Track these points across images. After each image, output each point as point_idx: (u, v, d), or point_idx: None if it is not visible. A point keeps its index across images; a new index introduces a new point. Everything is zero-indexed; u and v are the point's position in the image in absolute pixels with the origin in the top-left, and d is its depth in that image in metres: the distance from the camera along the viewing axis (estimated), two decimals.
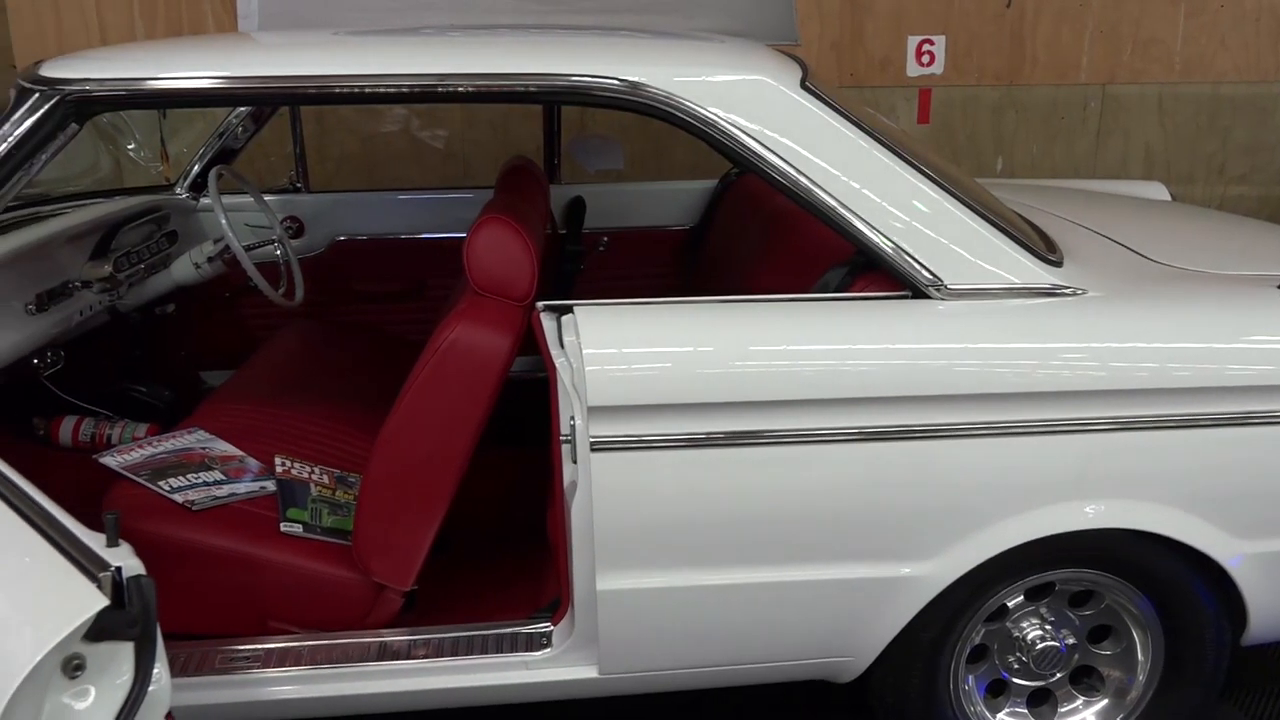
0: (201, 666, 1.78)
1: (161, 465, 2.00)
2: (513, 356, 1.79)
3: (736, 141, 1.73)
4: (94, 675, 1.00)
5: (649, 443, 1.66)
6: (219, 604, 1.88)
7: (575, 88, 1.74)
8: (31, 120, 1.62)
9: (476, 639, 1.85)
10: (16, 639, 0.97)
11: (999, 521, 1.77)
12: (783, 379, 1.66)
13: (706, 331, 1.69)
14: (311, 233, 2.98)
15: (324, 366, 2.61)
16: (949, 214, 1.78)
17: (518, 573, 2.12)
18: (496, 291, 1.80)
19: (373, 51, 1.79)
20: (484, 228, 1.78)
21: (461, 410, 1.78)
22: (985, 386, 1.69)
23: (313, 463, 2.12)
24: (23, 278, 2.19)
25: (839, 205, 1.74)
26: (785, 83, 1.76)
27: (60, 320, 2.29)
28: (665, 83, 1.73)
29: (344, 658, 1.82)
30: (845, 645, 1.85)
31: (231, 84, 1.71)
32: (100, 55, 1.76)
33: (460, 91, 1.74)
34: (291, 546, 1.89)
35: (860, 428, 1.69)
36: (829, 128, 1.75)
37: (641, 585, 1.72)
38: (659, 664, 1.82)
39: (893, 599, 1.80)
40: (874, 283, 1.80)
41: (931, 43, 3.87)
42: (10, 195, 1.65)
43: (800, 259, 2.09)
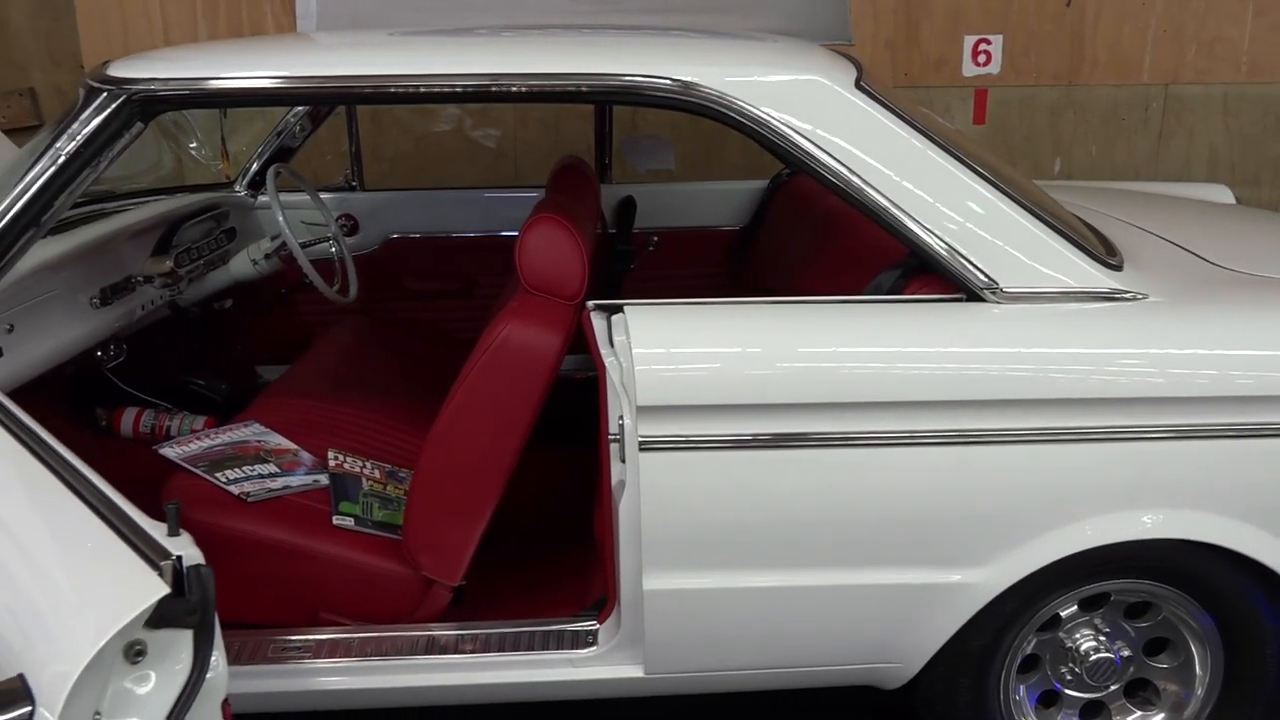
0: (255, 655, 1.82)
1: (218, 457, 2.04)
2: (563, 355, 1.80)
3: (789, 141, 1.72)
4: (154, 661, 1.03)
5: (697, 443, 1.66)
6: (272, 594, 1.91)
7: (627, 87, 1.75)
8: (99, 119, 1.67)
9: (523, 635, 1.87)
10: (80, 623, 1.00)
11: (1053, 529, 1.74)
12: (831, 381, 1.65)
13: (755, 332, 1.68)
14: (365, 230, 3.02)
15: (376, 363, 2.65)
16: (1005, 215, 1.75)
17: (564, 570, 2.13)
18: (547, 290, 1.81)
19: (427, 52, 1.81)
20: (536, 227, 1.79)
21: (511, 408, 1.80)
22: (1041, 392, 1.66)
23: (365, 457, 2.15)
24: (88, 272, 2.24)
25: (891, 205, 1.72)
26: (840, 82, 1.75)
27: (123, 314, 2.35)
28: (718, 82, 1.72)
29: (393, 650, 1.84)
30: (893, 651, 1.83)
31: (290, 84, 1.74)
32: (165, 56, 1.80)
33: (513, 91, 1.75)
34: (343, 539, 1.92)
35: (911, 432, 1.67)
36: (883, 128, 1.73)
37: (688, 586, 1.72)
38: (704, 665, 1.82)
39: (942, 606, 1.77)
40: (927, 285, 1.77)
41: (988, 42, 3.82)
42: (78, 192, 1.69)
43: (852, 261, 2.07)
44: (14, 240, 1.66)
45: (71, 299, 2.18)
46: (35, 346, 2.01)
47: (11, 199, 1.66)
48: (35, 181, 1.66)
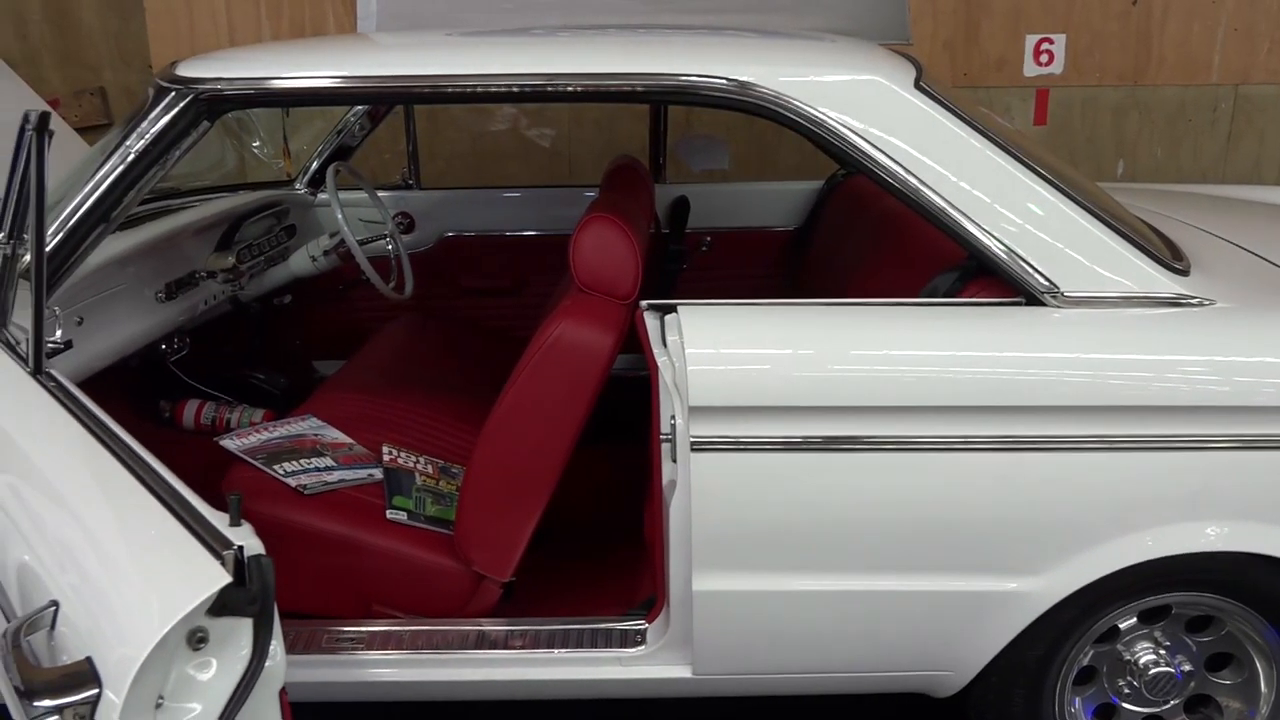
0: (309, 645, 1.85)
1: (276, 450, 2.08)
2: (615, 354, 1.80)
3: (846, 142, 1.70)
4: (216, 648, 1.05)
5: (749, 444, 1.65)
6: (326, 585, 1.95)
7: (683, 87, 1.74)
8: (167, 118, 1.71)
9: (572, 633, 1.87)
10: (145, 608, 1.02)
11: (1113, 539, 1.70)
12: (884, 384, 1.63)
13: (807, 334, 1.67)
14: (421, 228, 3.05)
15: (431, 359, 2.68)
16: (1067, 218, 1.72)
17: (614, 569, 2.14)
18: (601, 289, 1.81)
19: (484, 52, 1.82)
20: (590, 226, 1.80)
21: (564, 406, 1.81)
22: (1103, 399, 1.63)
23: (418, 452, 2.17)
24: (154, 267, 2.30)
25: (949, 207, 1.70)
26: (899, 83, 1.73)
27: (187, 308, 2.41)
28: (775, 82, 1.71)
29: (443, 644, 1.86)
30: (945, 659, 1.81)
31: (349, 84, 1.77)
32: (230, 56, 1.84)
33: (569, 91, 1.76)
34: (396, 533, 1.94)
35: (965, 437, 1.65)
36: (942, 128, 1.71)
37: (738, 587, 1.71)
38: (754, 667, 1.81)
39: (996, 614, 1.74)
40: (986, 288, 1.75)
41: (1051, 41, 3.75)
42: (147, 189, 1.74)
43: (908, 263, 2.05)
44: (85, 235, 1.71)
45: (138, 293, 2.23)
46: (103, 339, 2.07)
47: (83, 196, 1.71)
48: (106, 179, 1.71)
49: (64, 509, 1.24)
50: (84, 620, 1.10)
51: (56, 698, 1.02)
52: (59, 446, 1.35)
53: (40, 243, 1.45)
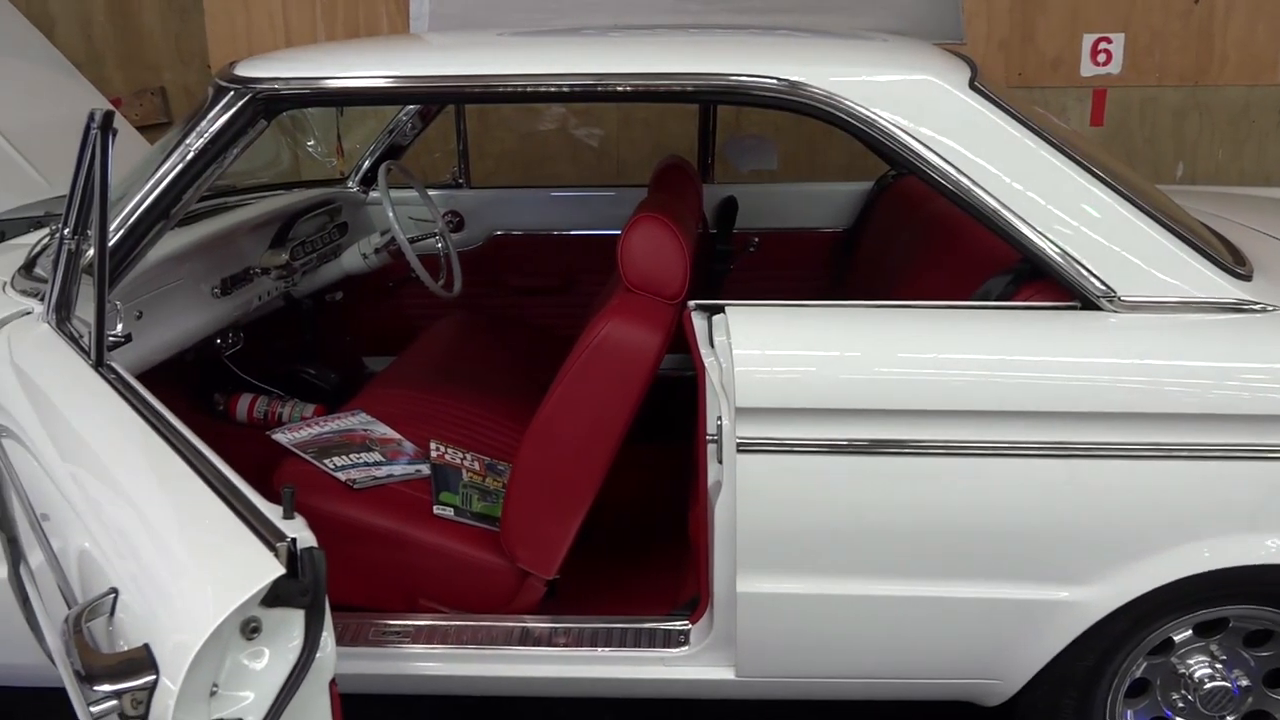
0: (356, 638, 1.87)
1: (327, 444, 2.11)
2: (663, 354, 1.80)
3: (897, 142, 1.68)
4: (268, 638, 1.07)
5: (796, 446, 1.64)
6: (373, 579, 1.97)
7: (733, 87, 1.74)
8: (226, 116, 1.74)
9: (615, 631, 1.88)
10: (201, 597, 1.05)
11: (1168, 550, 1.66)
12: (932, 388, 1.61)
13: (855, 336, 1.65)
14: (470, 227, 3.08)
15: (478, 357, 2.70)
16: (1124, 220, 1.68)
17: (657, 569, 2.14)
18: (649, 289, 1.81)
19: (534, 52, 1.83)
20: (639, 226, 1.80)
21: (610, 405, 1.81)
22: (1160, 406, 1.59)
23: (465, 449, 2.19)
24: (210, 263, 2.35)
25: (1002, 208, 1.67)
26: (953, 82, 1.71)
27: (241, 304, 2.45)
28: (826, 82, 1.70)
29: (488, 640, 1.88)
30: (992, 668, 1.78)
31: (402, 83, 1.79)
32: (287, 56, 1.87)
33: (619, 91, 1.76)
34: (443, 529, 1.96)
35: (1016, 442, 1.62)
36: (998, 129, 1.68)
37: (782, 590, 1.70)
38: (798, 671, 1.80)
39: (1046, 624, 1.72)
40: (1040, 292, 1.72)
41: (1109, 40, 3.68)
42: (205, 186, 1.77)
43: (960, 266, 2.02)
44: (146, 231, 1.75)
45: (194, 288, 2.28)
46: (161, 333, 2.11)
47: (144, 193, 1.75)
48: (166, 176, 1.75)
49: (123, 498, 1.27)
50: (141, 607, 1.13)
51: (115, 683, 1.04)
52: (118, 437, 1.39)
53: (103, 238, 1.48)
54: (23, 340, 1.72)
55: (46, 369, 1.61)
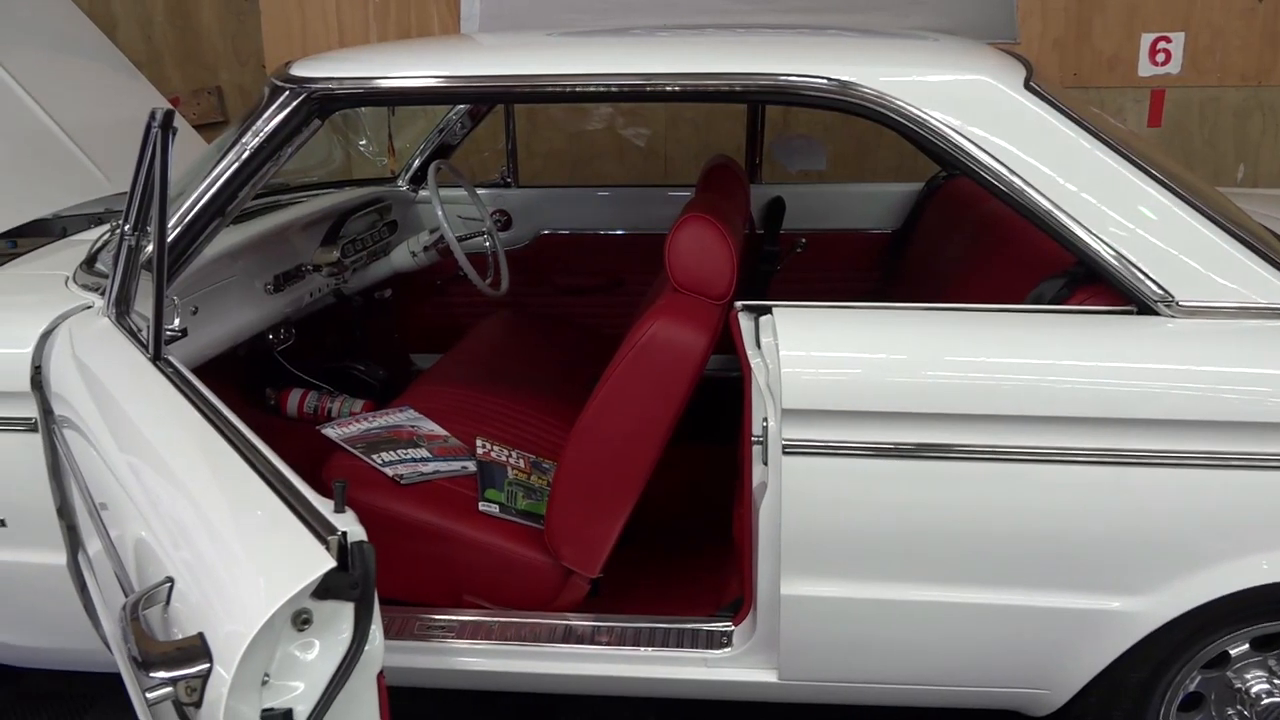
0: (401, 631, 1.89)
1: (375, 440, 2.14)
2: (709, 354, 1.80)
3: (950, 143, 1.66)
4: (319, 630, 1.09)
5: (842, 449, 1.63)
6: (419, 574, 1.99)
7: (783, 87, 1.73)
8: (281, 115, 1.77)
9: (658, 631, 1.88)
10: (253, 588, 1.07)
11: (1225, 562, 1.62)
12: (981, 392, 1.59)
13: (904, 339, 1.64)
14: (518, 226, 3.10)
15: (525, 355, 2.72)
16: (1182, 223, 1.65)
17: (701, 569, 2.13)
18: (696, 289, 1.81)
19: (583, 52, 1.84)
20: (686, 226, 1.80)
21: (656, 404, 1.81)
22: (1217, 413, 1.56)
23: (510, 446, 2.21)
24: (263, 260, 2.39)
25: (1056, 209, 1.64)
26: (1008, 83, 1.68)
27: (293, 300, 2.49)
28: (878, 82, 1.69)
29: (531, 637, 1.89)
30: (1041, 677, 1.75)
31: (452, 83, 1.81)
32: (340, 56, 1.90)
33: (667, 91, 1.76)
34: (488, 526, 1.98)
35: (1067, 449, 1.59)
36: (1054, 130, 1.66)
37: (827, 593, 1.69)
38: (841, 675, 1.78)
39: (1097, 634, 1.68)
40: (1094, 296, 1.69)
41: (1168, 40, 3.60)
42: (260, 184, 1.81)
43: (1012, 269, 1.99)
44: (203, 228, 1.78)
45: (248, 285, 2.32)
46: (215, 328, 2.16)
47: (201, 190, 1.79)
48: (223, 174, 1.78)
49: (179, 488, 1.30)
50: (196, 596, 1.15)
51: (171, 670, 1.07)
52: (175, 429, 1.42)
53: (162, 235, 1.51)
54: (84, 334, 1.76)
55: (106, 362, 1.65)
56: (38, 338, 1.78)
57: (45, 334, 1.79)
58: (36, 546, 1.86)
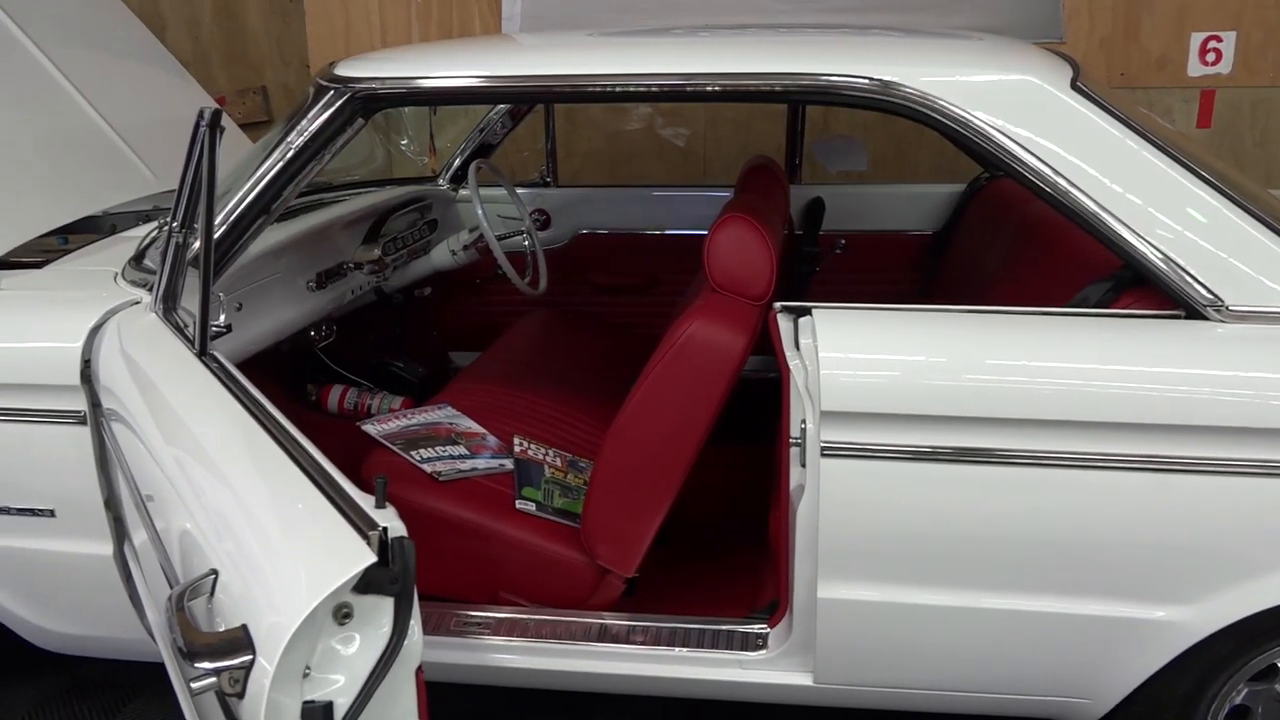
0: (438, 627, 1.91)
1: (414, 436, 2.16)
2: (747, 355, 1.79)
3: (994, 144, 1.64)
4: (359, 624, 1.10)
5: (880, 452, 1.61)
6: (455, 570, 2.00)
7: (824, 87, 1.72)
8: (326, 115, 1.79)
9: (693, 632, 1.88)
10: (295, 581, 1.08)
11: (1273, 572, 1.59)
12: (1022, 396, 1.57)
13: (944, 341, 1.62)
14: (557, 225, 3.11)
15: (562, 354, 2.73)
16: (1233, 226, 1.61)
17: (736, 571, 2.13)
18: (734, 290, 1.80)
19: (624, 52, 1.84)
20: (726, 226, 1.80)
21: (694, 405, 1.81)
22: (1269, 421, 1.52)
23: (547, 445, 2.22)
24: (306, 258, 2.42)
25: (1102, 211, 1.62)
26: (1054, 83, 1.66)
27: (335, 297, 2.52)
28: (920, 82, 1.67)
29: (566, 635, 1.89)
30: (1082, 686, 1.73)
31: (494, 83, 1.82)
32: (384, 56, 1.91)
33: (708, 91, 1.75)
34: (525, 523, 1.99)
35: (1111, 455, 1.57)
36: (1101, 131, 1.63)
37: (864, 597, 1.68)
38: (878, 680, 1.77)
39: (1141, 643, 1.66)
40: (1141, 300, 1.66)
41: (1219, 39, 3.53)
42: (305, 182, 1.83)
43: (1056, 272, 1.97)
44: (248, 225, 1.81)
45: (291, 282, 2.35)
46: (259, 324, 2.19)
47: (247, 188, 1.81)
48: (268, 173, 1.80)
49: (223, 482, 1.32)
50: (239, 588, 1.17)
51: (215, 661, 1.08)
52: (219, 423, 1.44)
53: (209, 232, 1.54)
54: (131, 328, 1.79)
55: (153, 356, 1.68)
56: (87, 332, 1.82)
57: (95, 329, 1.83)
58: (84, 537, 1.90)
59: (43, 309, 1.90)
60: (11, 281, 2.05)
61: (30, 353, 1.83)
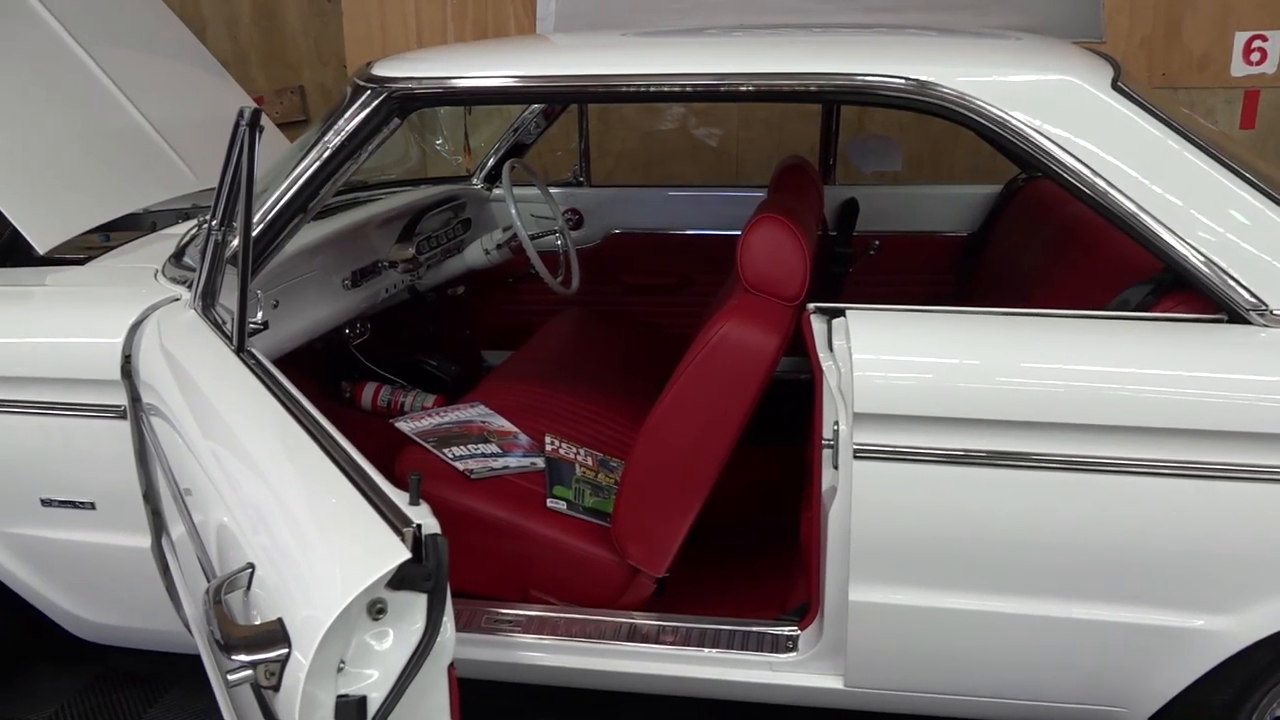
0: (469, 624, 1.92)
1: (446, 434, 2.17)
2: (780, 355, 1.79)
3: (1032, 144, 1.62)
4: (393, 620, 1.11)
5: (914, 454, 1.60)
6: (486, 568, 2.01)
7: (859, 87, 1.71)
8: (363, 114, 1.81)
9: (723, 633, 1.87)
10: (330, 576, 1.09)
11: None
12: (1058, 400, 1.55)
13: (979, 343, 1.60)
14: (589, 225, 3.12)
15: (594, 353, 2.73)
16: (1277, 228, 1.58)
17: (767, 572, 2.12)
18: (767, 290, 1.80)
19: (657, 52, 1.84)
20: (759, 226, 1.79)
21: (726, 405, 1.80)
22: None
23: (578, 444, 2.22)
24: (341, 256, 2.44)
25: (1142, 212, 1.59)
26: (1095, 83, 1.64)
27: (369, 296, 2.54)
28: (958, 82, 1.66)
29: (596, 634, 1.90)
30: (1117, 695, 1.71)
31: (529, 83, 1.82)
32: (420, 56, 1.93)
33: (741, 91, 1.75)
34: (556, 522, 1.99)
35: (1150, 460, 1.55)
36: (1142, 132, 1.61)
37: (896, 601, 1.67)
38: (909, 685, 1.76)
39: (1179, 652, 1.63)
40: (1182, 303, 1.63)
41: (1264, 39, 3.46)
42: (341, 181, 1.84)
43: (1095, 274, 1.94)
44: (286, 224, 1.83)
45: (326, 280, 2.37)
46: (295, 321, 2.21)
47: (285, 187, 1.83)
48: (306, 172, 1.82)
49: (259, 476, 1.33)
50: (275, 582, 1.18)
51: (252, 654, 1.09)
52: (257, 419, 1.45)
53: (248, 230, 1.56)
54: (171, 325, 1.82)
55: (192, 352, 1.70)
56: (128, 328, 1.85)
57: (135, 325, 1.85)
58: (123, 529, 1.93)
59: (85, 305, 1.94)
60: (56, 278, 2.09)
61: (72, 348, 1.86)
